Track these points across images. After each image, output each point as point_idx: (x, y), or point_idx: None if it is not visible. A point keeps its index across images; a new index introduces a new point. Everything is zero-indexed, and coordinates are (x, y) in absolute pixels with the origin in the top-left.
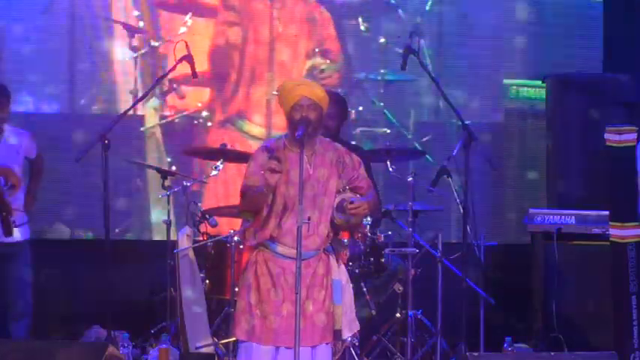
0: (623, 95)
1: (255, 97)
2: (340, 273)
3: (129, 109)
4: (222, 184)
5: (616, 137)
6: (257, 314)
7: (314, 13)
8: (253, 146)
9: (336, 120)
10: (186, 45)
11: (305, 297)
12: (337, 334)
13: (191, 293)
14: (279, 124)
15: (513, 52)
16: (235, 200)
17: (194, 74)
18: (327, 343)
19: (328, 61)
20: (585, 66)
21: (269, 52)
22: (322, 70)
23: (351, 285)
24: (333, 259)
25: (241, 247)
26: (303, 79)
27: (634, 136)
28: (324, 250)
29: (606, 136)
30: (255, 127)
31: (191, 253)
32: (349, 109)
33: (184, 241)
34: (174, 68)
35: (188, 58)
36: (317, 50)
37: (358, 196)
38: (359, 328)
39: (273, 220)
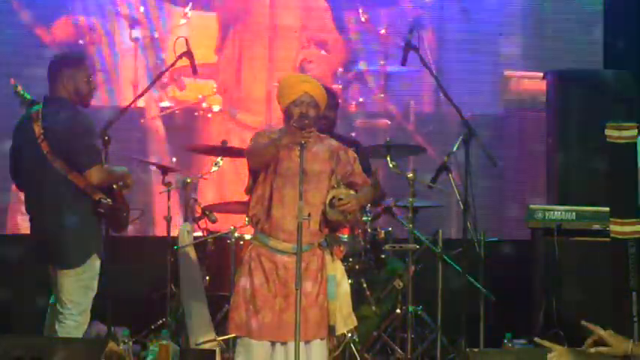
0: (624, 91)
1: (254, 89)
2: (335, 268)
3: (129, 106)
4: (220, 180)
5: (616, 133)
6: (251, 309)
7: (310, 3)
8: None
9: (334, 111)
10: (187, 41)
11: None
12: (331, 330)
13: (192, 289)
14: (280, 115)
15: (514, 47)
16: (233, 197)
17: (194, 71)
18: (321, 339)
19: (323, 52)
20: (586, 62)
21: (267, 43)
22: (310, 61)
23: (348, 280)
24: (327, 254)
25: (241, 243)
26: (305, 75)
27: (634, 132)
28: (319, 245)
29: (607, 132)
30: (255, 118)
31: (191, 250)
32: (350, 102)
33: (185, 238)
34: (173, 65)
35: (188, 55)
36: (313, 41)
37: (352, 192)
38: (356, 324)
39: (263, 203)
